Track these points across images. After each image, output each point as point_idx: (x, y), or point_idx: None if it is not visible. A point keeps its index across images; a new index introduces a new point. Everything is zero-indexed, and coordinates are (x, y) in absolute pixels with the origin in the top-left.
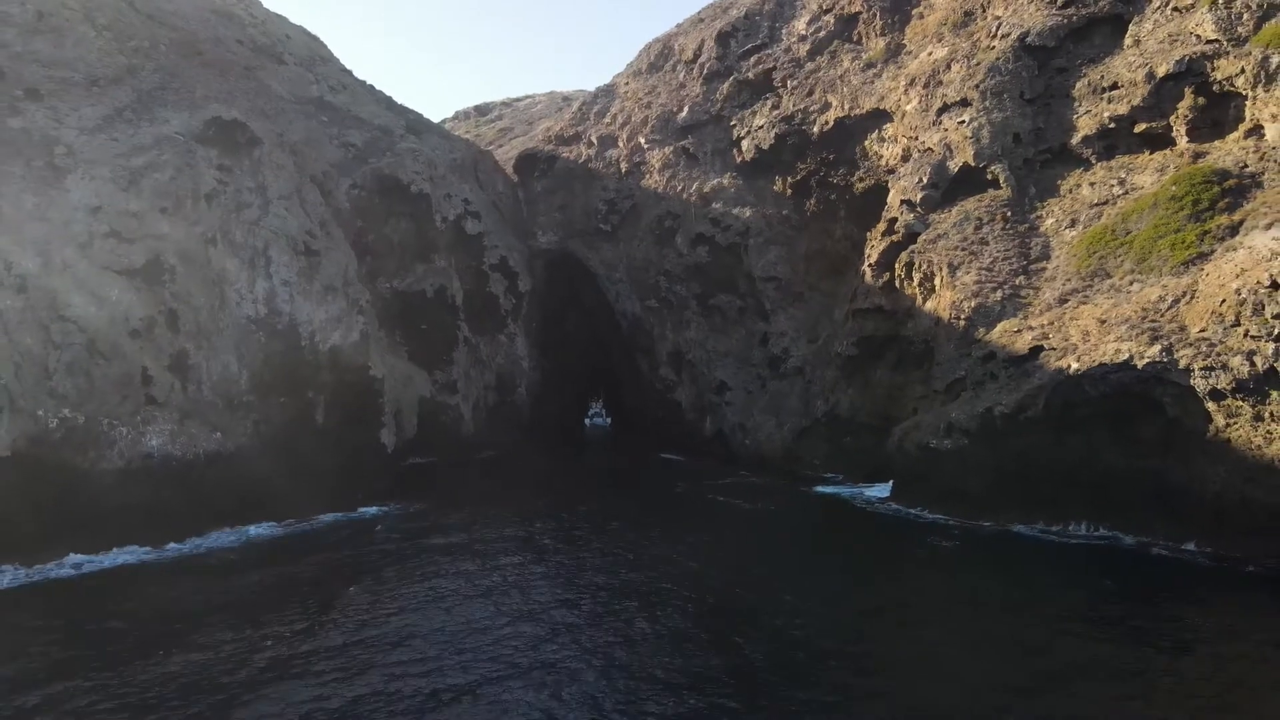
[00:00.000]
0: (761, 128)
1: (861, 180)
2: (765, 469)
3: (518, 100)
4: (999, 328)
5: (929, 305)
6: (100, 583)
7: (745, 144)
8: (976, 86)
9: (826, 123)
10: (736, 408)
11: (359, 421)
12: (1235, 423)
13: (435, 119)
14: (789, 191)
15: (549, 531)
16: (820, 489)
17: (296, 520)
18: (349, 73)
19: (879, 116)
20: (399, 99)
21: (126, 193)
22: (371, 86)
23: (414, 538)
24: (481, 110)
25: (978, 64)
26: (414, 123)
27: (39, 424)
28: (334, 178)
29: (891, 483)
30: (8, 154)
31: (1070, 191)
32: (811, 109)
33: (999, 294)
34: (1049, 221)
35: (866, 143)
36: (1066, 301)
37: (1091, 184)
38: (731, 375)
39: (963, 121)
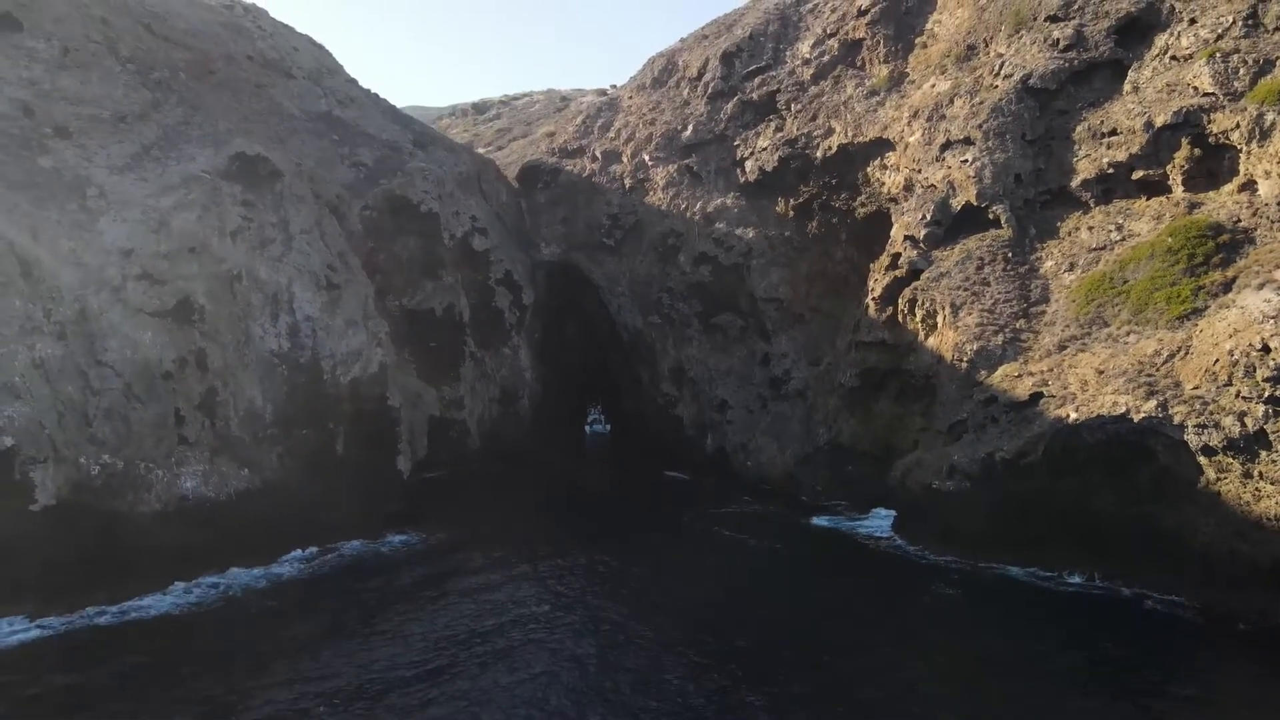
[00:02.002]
0: (765, 149)
1: (863, 206)
2: (767, 494)
3: (515, 99)
4: (1000, 371)
5: (930, 342)
6: (141, 628)
7: (749, 165)
8: (980, 126)
9: (830, 148)
10: (738, 427)
11: (377, 449)
12: (1225, 478)
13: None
14: (791, 213)
15: (570, 567)
16: (824, 521)
17: (321, 549)
18: (355, 83)
19: (881, 145)
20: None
21: (157, 234)
22: (377, 96)
23: (439, 569)
24: (479, 108)
25: (981, 103)
26: (420, 135)
27: (81, 472)
28: (347, 200)
29: (894, 515)
30: (43, 197)
31: (1069, 234)
32: (815, 134)
33: (1000, 337)
34: (1048, 264)
35: (869, 169)
36: (1065, 348)
37: (1090, 228)
38: (732, 394)
39: (966, 160)
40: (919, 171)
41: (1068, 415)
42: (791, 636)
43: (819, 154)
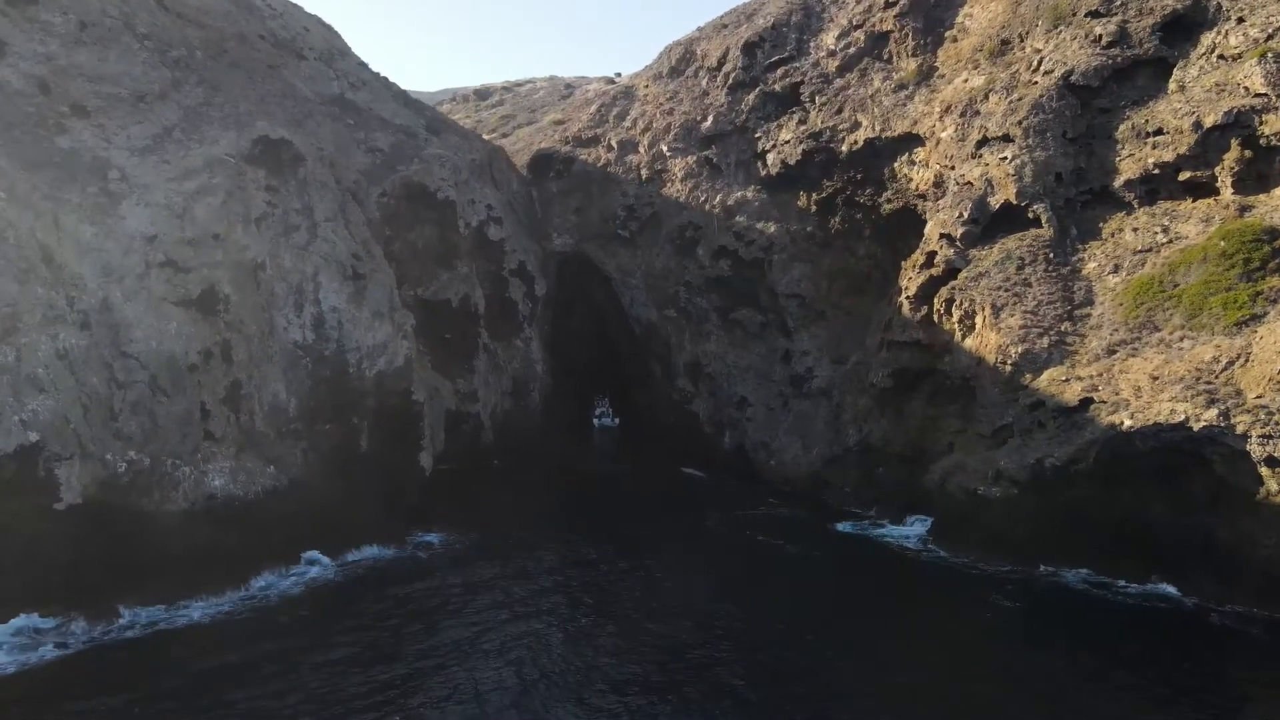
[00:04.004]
0: (788, 142)
1: (889, 202)
2: (792, 495)
3: (518, 85)
4: (1046, 375)
5: (968, 343)
6: (170, 640)
7: (770, 158)
8: (1019, 123)
9: (856, 142)
10: (758, 424)
11: (400, 445)
12: None
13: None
14: (813, 208)
15: (603, 577)
16: (857, 529)
17: (350, 551)
18: (366, 66)
19: (910, 140)
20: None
21: (181, 219)
22: (387, 80)
23: (474, 574)
24: (481, 94)
25: (1020, 99)
26: (432, 121)
27: (108, 468)
28: (364, 186)
29: (931, 522)
30: (61, 179)
31: (1112, 235)
32: (840, 127)
33: (1045, 340)
34: (1091, 265)
35: (896, 165)
36: (1115, 353)
37: (1134, 230)
38: (752, 391)
39: (1005, 158)
40: (952, 168)
41: (1121, 422)
42: (863, 656)
43: (844, 148)
